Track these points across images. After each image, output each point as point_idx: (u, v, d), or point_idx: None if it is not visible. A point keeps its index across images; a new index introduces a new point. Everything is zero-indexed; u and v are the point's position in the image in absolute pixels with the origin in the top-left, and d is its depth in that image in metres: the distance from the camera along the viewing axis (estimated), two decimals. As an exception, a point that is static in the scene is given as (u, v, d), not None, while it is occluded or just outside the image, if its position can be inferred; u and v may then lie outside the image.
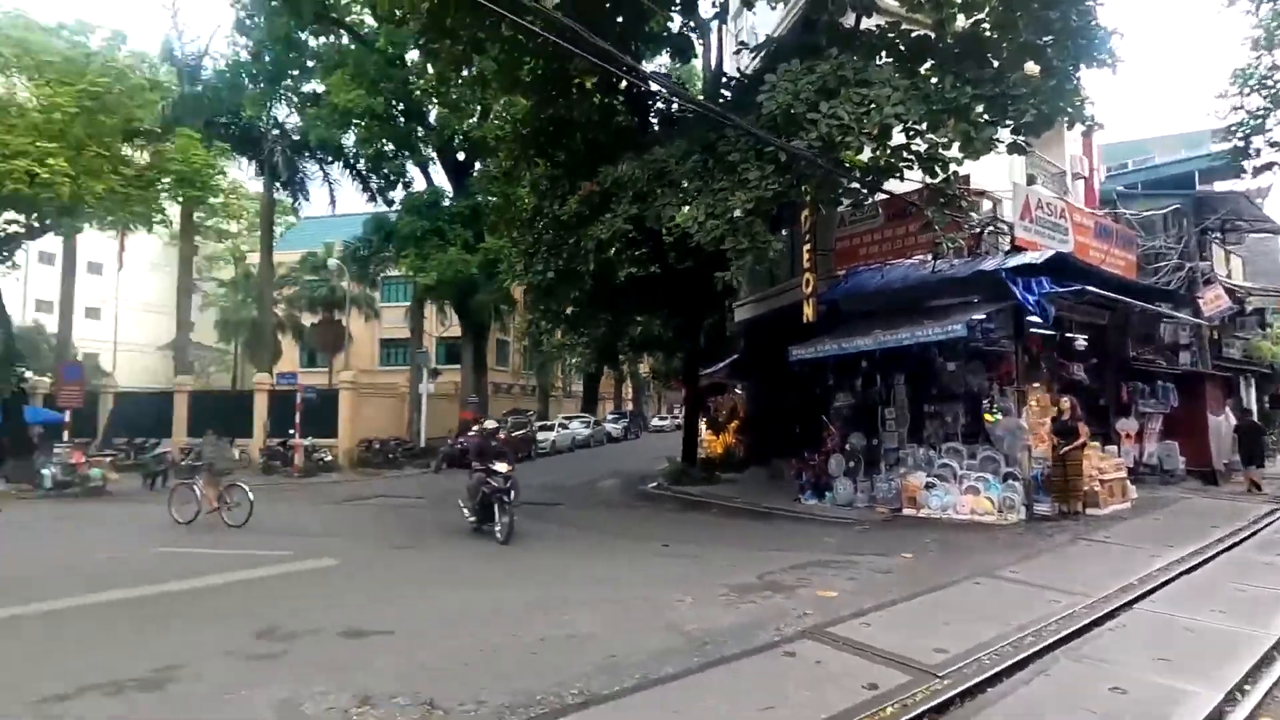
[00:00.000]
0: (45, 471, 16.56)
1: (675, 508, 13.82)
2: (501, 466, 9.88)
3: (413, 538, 10.71)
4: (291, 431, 21.45)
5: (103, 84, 16.49)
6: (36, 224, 18.54)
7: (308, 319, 35.33)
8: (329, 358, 31.94)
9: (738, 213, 9.93)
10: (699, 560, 8.41)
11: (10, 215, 18.08)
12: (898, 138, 10.03)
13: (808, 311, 12.53)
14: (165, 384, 28.69)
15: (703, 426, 20.49)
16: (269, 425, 23.10)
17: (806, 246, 12.87)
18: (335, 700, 4.19)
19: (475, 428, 25.03)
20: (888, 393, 12.13)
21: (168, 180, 19.80)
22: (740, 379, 19.99)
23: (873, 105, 9.00)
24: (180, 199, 21.91)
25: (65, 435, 19.06)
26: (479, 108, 23.93)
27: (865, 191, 11.20)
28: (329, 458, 22.03)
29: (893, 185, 10.89)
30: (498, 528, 9.59)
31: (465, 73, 16.34)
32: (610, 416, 42.67)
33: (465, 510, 10.48)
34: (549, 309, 16.25)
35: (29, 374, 23.07)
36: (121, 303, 39.84)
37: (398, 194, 27.40)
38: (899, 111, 8.99)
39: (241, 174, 31.04)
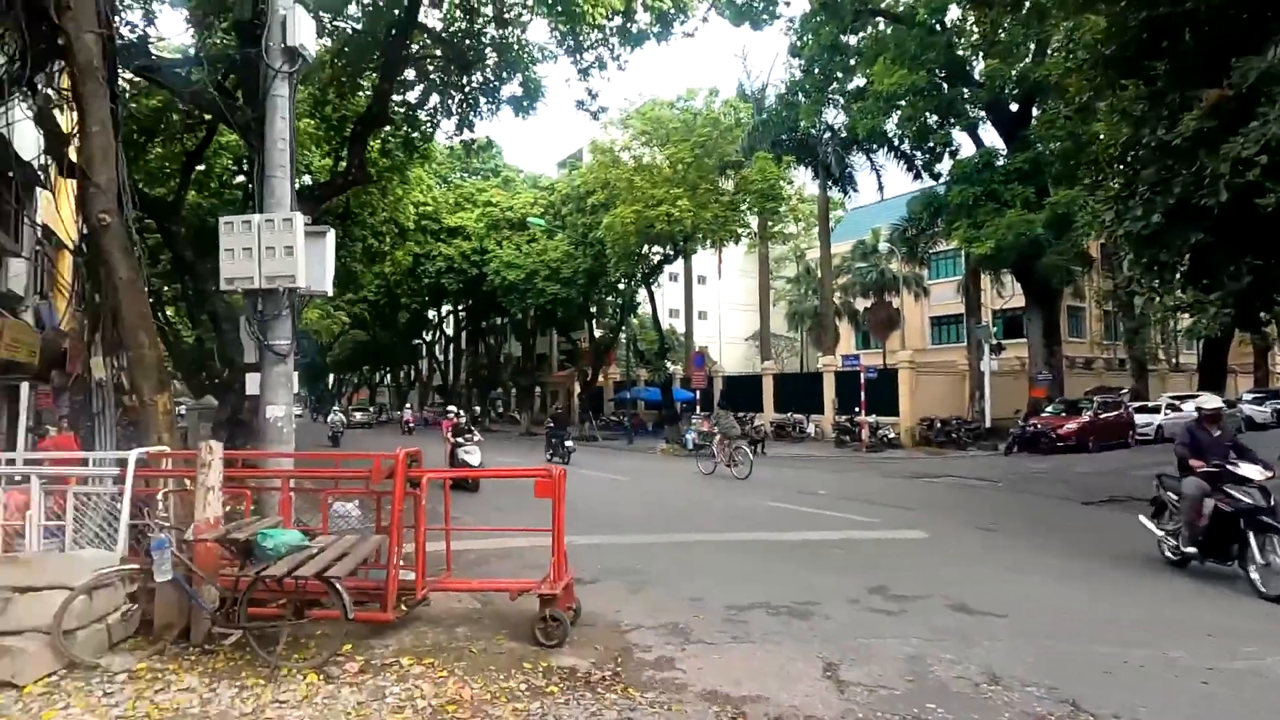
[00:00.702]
0: (688, 435, 22.11)
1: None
2: (1253, 471, 6.37)
3: (997, 521, 10.15)
4: (857, 409, 23.11)
5: (705, 134, 21.15)
6: (671, 251, 25.05)
7: (860, 304, 37.66)
8: (881, 339, 33.23)
9: None
10: None
11: (656, 248, 24.91)
12: None
13: None
14: (752, 369, 34.72)
15: None
16: (836, 403, 25.52)
17: None
18: (963, 670, 4.29)
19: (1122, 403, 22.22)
20: None
21: (749, 198, 23.93)
22: None
23: None
24: (758, 212, 26.14)
25: (696, 409, 25.11)
26: (1033, 45, 21.10)
27: None
28: (892, 434, 22.91)
29: None
30: (1253, 570, 6.07)
31: (1020, 10, 14.63)
32: (1248, 396, 31.84)
33: (1159, 530, 7.34)
34: (1155, 261, 13.06)
35: (670, 365, 31.32)
36: (721, 304, 50.18)
37: (943, 166, 26.43)
38: None
39: (799, 179, 35.17)
